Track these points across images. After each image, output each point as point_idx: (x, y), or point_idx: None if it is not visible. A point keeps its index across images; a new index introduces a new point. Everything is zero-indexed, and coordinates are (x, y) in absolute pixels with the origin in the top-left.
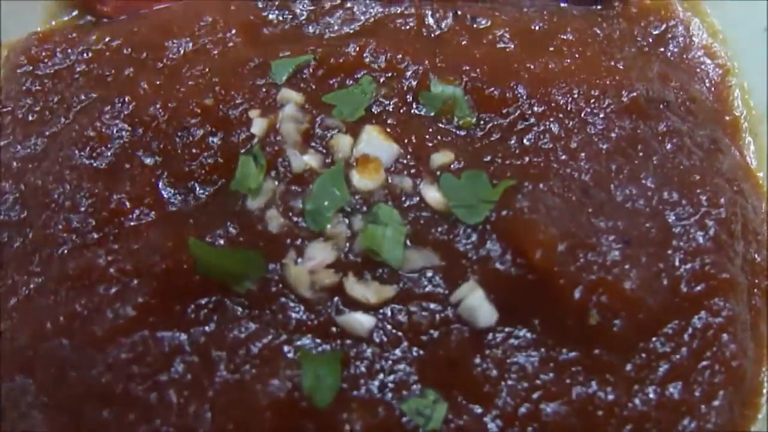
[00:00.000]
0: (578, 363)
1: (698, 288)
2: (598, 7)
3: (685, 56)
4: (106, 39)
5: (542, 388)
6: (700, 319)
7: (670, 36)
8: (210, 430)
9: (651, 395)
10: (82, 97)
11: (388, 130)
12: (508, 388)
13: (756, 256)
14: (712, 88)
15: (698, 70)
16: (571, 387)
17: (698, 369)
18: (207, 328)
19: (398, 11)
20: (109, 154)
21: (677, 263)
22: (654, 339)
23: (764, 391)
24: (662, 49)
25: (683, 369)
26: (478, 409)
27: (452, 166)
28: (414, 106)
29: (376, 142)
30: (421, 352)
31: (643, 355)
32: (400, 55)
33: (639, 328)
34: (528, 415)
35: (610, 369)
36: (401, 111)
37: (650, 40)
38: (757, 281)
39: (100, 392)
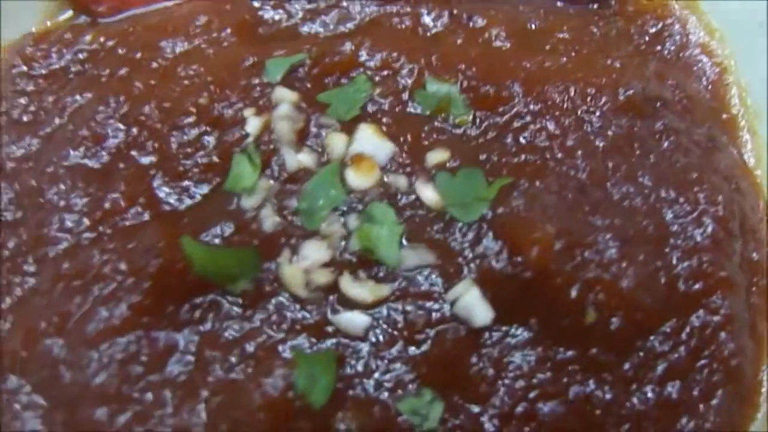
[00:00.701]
0: (575, 362)
1: (696, 286)
2: (595, 6)
3: (681, 54)
4: (101, 39)
5: (539, 387)
6: (698, 317)
7: (666, 34)
8: (204, 430)
9: (649, 394)
10: (77, 98)
11: (384, 128)
12: (505, 387)
13: (754, 254)
14: (709, 86)
15: (695, 68)
16: (569, 386)
17: (696, 368)
18: (202, 327)
19: (394, 10)
20: (103, 154)
21: (675, 261)
22: (652, 338)
23: (763, 390)
24: (659, 48)
25: (681, 368)
26: (475, 409)
27: (448, 164)
28: (409, 104)
29: (371, 141)
30: (417, 351)
31: (641, 354)
32: (395, 54)
33: (636, 326)
34: (525, 414)
35: (608, 368)
36: (396, 110)
37: (647, 39)
38: (755, 280)
39: (95, 392)
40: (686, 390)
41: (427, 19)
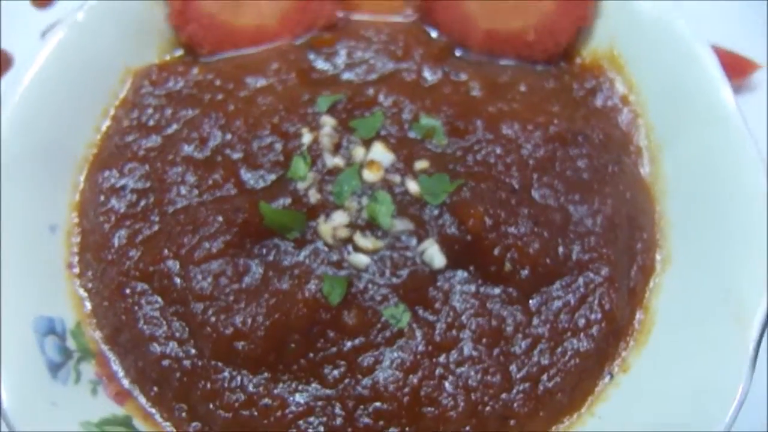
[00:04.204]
0: (497, 296)
1: (585, 257)
2: (551, 66)
3: (606, 103)
4: (204, 73)
5: (472, 309)
6: (585, 276)
7: (598, 88)
8: (263, 317)
9: (546, 323)
10: (188, 112)
11: (390, 146)
12: (450, 307)
13: (639, 244)
14: (623, 127)
15: (614, 113)
16: (492, 311)
17: (581, 308)
18: (267, 259)
19: (404, 66)
20: (207, 150)
21: (572, 238)
22: (551, 286)
23: (633, 335)
24: (590, 98)
25: (570, 308)
26: (431, 318)
27: (427, 170)
28: (408, 131)
29: (380, 153)
30: (398, 280)
31: (543, 296)
32: (402, 98)
33: (539, 278)
34: (463, 324)
35: (519, 302)
36: (399, 134)
37: (581, 94)
38: (638, 260)
39: (196, 294)
40: (572, 322)
41: (426, 74)
